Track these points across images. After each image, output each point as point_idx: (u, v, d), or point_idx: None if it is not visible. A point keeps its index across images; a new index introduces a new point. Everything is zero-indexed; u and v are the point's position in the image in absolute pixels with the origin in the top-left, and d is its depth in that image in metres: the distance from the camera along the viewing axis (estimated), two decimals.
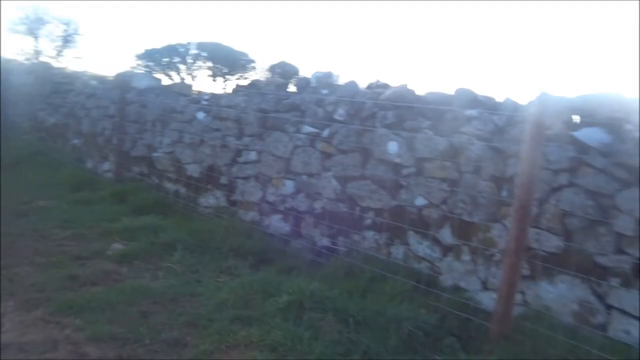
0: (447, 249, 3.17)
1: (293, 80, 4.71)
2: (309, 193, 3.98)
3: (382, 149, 3.46)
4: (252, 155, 4.41)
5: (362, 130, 3.62)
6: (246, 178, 4.48)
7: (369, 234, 3.55)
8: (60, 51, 55.10)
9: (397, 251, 3.39)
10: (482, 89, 4.47)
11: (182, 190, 5.04)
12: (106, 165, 6.02)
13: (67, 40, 55.11)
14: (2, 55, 10.67)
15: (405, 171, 3.38)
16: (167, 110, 5.29)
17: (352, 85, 3.91)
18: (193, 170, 4.95)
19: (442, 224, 3.18)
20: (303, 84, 4.37)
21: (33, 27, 53.67)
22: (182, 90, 5.51)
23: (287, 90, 4.54)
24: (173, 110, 5.24)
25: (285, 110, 4.21)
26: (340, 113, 3.80)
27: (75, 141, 6.76)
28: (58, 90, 7.37)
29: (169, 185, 5.23)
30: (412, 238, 3.31)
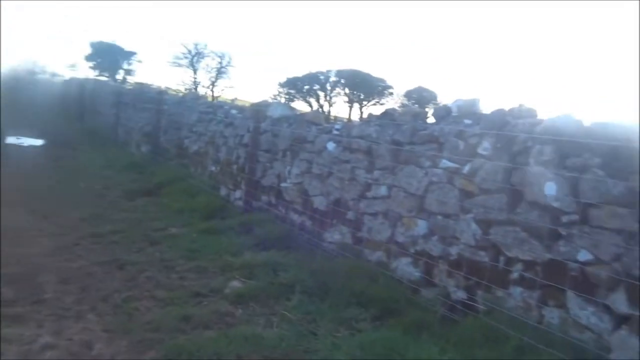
0: (620, 319, 2.66)
1: (431, 108, 4.56)
2: (444, 236, 3.75)
3: (537, 190, 3.10)
4: (382, 190, 4.33)
5: (511, 167, 3.30)
6: (374, 214, 4.41)
7: (516, 290, 3.17)
8: (214, 82, 61.92)
9: (552, 315, 2.96)
10: None
11: (308, 223, 5.16)
12: (238, 193, 6.48)
13: (220, 71, 61.88)
14: (161, 85, 12.43)
15: (565, 218, 2.97)
16: (297, 139, 5.52)
17: (500, 114, 3.62)
18: (320, 202, 5.05)
19: (615, 287, 2.70)
20: (442, 113, 4.20)
21: (193, 60, 61.29)
22: (314, 119, 5.73)
23: (425, 119, 4.41)
24: (304, 140, 5.45)
25: (421, 142, 4.08)
26: (484, 147, 3.53)
27: (213, 168, 7.44)
28: (202, 119, 8.24)
29: (294, 217, 5.41)
30: (573, 301, 2.86)
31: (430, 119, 4.38)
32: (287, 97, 64.26)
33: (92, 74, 50.06)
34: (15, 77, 43.76)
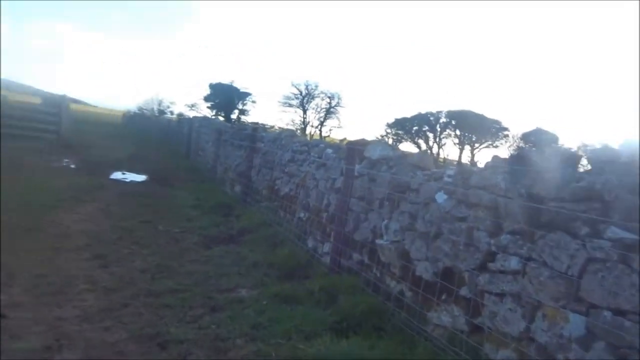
0: None
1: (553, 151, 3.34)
2: (614, 344, 2.49)
3: None
4: (513, 263, 3.17)
5: None
6: (501, 295, 3.24)
7: None
8: (322, 122, 63.60)
9: None
10: None
11: (408, 295, 4.08)
12: (326, 247, 5.61)
13: (329, 111, 63.45)
14: (259, 123, 12.24)
15: None
16: (398, 186, 4.54)
17: None
18: (423, 270, 3.97)
19: None
20: (604, 157, 2.98)
21: (303, 101, 63.76)
22: (420, 162, 4.71)
23: (577, 165, 3.21)
24: (406, 188, 4.45)
25: (574, 198, 2.89)
26: None
27: (302, 215, 6.68)
28: (295, 158, 7.61)
29: (391, 284, 4.36)
30: None
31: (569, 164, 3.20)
32: (394, 138, 63.53)
33: (209, 114, 53.81)
34: (140, 115, 48.41)
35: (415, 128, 65.15)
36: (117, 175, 12.07)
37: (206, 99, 58.22)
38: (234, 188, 10.12)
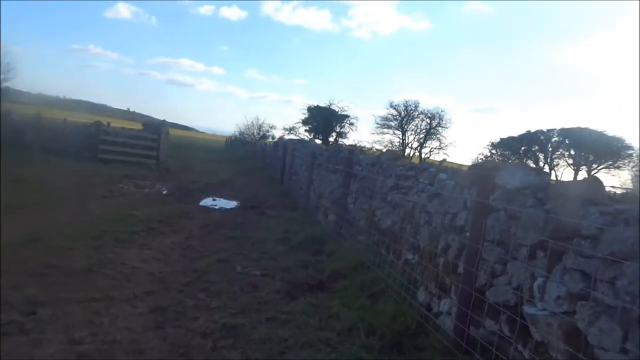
0: None
1: None
2: None
3: None
4: None
5: None
6: None
7: None
8: (422, 143, 61.35)
9: None
10: None
11: None
12: (444, 305, 4.25)
13: (430, 132, 61.10)
14: (357, 145, 11.15)
15: None
16: (560, 230, 3.11)
17: None
18: None
19: None
20: None
21: (402, 122, 61.91)
22: (590, 193, 3.24)
23: None
24: (574, 232, 3.01)
25: None
26: None
27: (409, 256, 5.38)
28: (399, 185, 6.36)
29: None
30: None
31: None
32: (500, 159, 59.38)
33: (306, 137, 54.19)
34: (240, 140, 49.94)
35: (523, 148, 60.63)
36: (207, 201, 11.61)
37: (304, 122, 58.87)
38: (327, 217, 9.06)
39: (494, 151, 62.09)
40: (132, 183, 12.82)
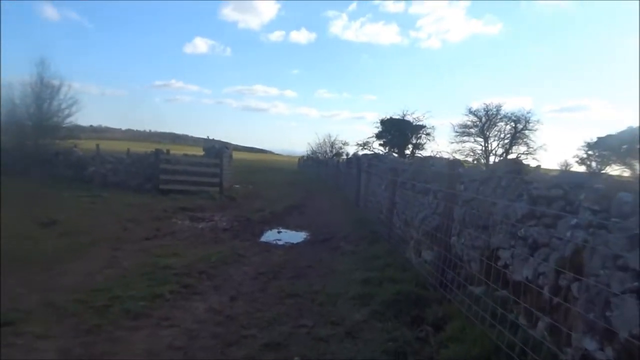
0: None
1: None
2: None
3: None
4: None
5: None
6: None
7: None
8: (508, 149, 56.65)
9: None
10: None
11: None
12: None
13: (515, 137, 56.30)
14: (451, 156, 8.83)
15: None
16: None
17: None
18: None
19: None
20: None
21: (484, 128, 57.54)
22: None
23: None
24: None
25: None
26: None
27: (590, 345, 3.05)
28: (538, 214, 4.07)
29: None
30: None
31: None
32: (598, 160, 53.52)
33: (381, 151, 51.76)
34: (313, 159, 48.48)
35: (624, 147, 54.21)
36: (270, 235, 9.74)
37: (378, 136, 56.41)
38: (420, 254, 6.80)
39: (590, 152, 56.10)
40: (189, 216, 11.27)
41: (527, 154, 53.77)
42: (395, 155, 39.26)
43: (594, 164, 54.08)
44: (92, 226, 8.73)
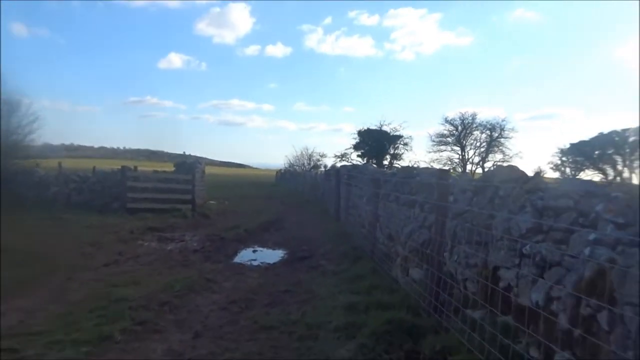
0: None
1: None
2: None
3: None
4: None
5: None
6: None
7: None
8: (484, 157, 56.82)
9: None
10: None
11: None
12: None
13: (491, 145, 56.64)
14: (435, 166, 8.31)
15: None
16: None
17: None
18: None
19: None
20: None
21: (460, 136, 57.68)
22: None
23: None
24: None
25: None
26: None
27: None
28: (545, 229, 3.53)
29: None
30: None
31: None
32: (572, 166, 54.16)
33: (359, 162, 51.37)
34: (291, 172, 47.82)
35: (597, 152, 54.99)
36: (245, 255, 9.03)
37: (356, 147, 56.07)
38: (407, 273, 6.21)
39: (564, 158, 56.72)
40: (157, 237, 10.49)
41: (503, 161, 54.10)
42: (374, 166, 38.88)
43: (568, 170, 54.65)
44: (46, 253, 7.91)
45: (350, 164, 40.07)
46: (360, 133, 55.72)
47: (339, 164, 44.76)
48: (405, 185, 7.19)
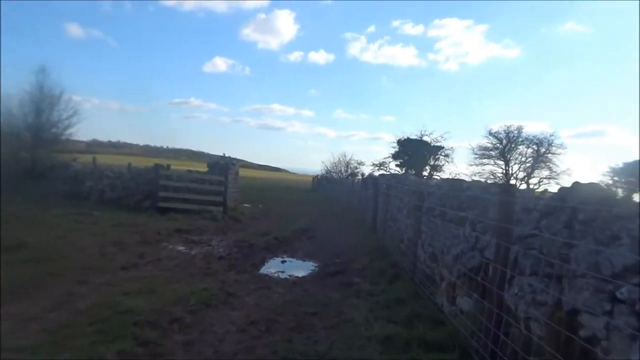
0: None
1: None
2: None
3: None
4: None
5: None
6: None
7: None
8: (530, 172, 54.53)
9: None
10: None
11: None
12: None
13: (537, 160, 54.23)
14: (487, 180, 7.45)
15: None
16: None
17: None
18: None
19: None
20: None
21: (504, 150, 55.57)
22: None
23: None
24: None
25: None
26: None
27: None
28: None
29: None
30: None
31: None
32: (624, 187, 51.23)
33: (397, 172, 50.17)
34: (327, 178, 47.12)
35: None
36: (272, 265, 8.37)
37: (394, 156, 54.89)
38: (454, 301, 5.37)
39: (616, 178, 53.82)
40: (183, 239, 9.98)
41: (549, 178, 51.71)
42: (414, 176, 37.68)
43: (619, 191, 51.82)
44: (65, 251, 7.47)
45: (389, 173, 39.01)
46: (399, 142, 54.53)
47: (376, 173, 43.77)
48: (452, 199, 6.35)
